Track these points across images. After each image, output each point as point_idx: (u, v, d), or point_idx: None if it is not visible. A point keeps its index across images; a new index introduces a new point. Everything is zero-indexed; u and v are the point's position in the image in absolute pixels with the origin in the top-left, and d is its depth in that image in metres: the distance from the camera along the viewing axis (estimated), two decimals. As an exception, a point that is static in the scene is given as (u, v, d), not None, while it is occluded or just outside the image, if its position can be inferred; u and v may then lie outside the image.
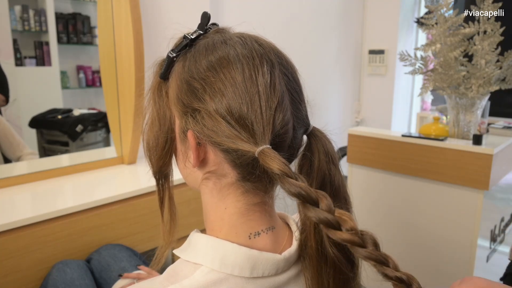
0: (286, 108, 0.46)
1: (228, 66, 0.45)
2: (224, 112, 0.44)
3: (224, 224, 0.49)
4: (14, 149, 1.45)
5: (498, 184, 1.57)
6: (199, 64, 0.47)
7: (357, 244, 0.35)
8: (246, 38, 0.48)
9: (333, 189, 0.50)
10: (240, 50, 0.46)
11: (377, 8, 2.81)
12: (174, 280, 0.46)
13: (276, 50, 0.50)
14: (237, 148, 0.43)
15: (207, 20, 0.51)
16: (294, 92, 0.49)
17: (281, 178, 0.39)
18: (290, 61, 0.51)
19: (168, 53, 0.50)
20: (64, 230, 1.09)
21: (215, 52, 0.47)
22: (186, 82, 0.47)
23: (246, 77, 0.45)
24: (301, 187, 0.37)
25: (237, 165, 0.45)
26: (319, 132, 0.52)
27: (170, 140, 0.51)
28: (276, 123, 0.45)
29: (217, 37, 0.49)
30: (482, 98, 1.59)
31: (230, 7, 1.89)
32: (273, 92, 0.45)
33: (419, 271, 1.66)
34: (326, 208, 0.36)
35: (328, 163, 0.50)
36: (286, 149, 0.47)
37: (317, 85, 2.57)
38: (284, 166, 0.40)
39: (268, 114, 0.44)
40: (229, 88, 0.44)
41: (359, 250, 0.35)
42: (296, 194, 0.38)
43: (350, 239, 0.34)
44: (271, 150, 0.42)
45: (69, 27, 1.63)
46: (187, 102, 0.47)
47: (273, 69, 0.46)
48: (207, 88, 0.45)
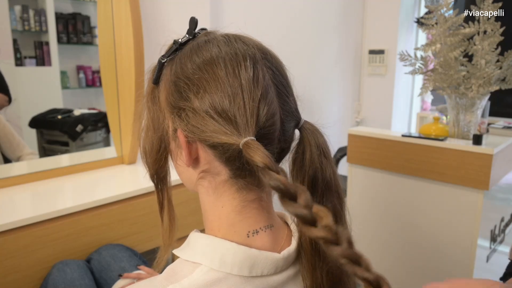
0: (271, 101, 0.47)
1: (211, 63, 0.46)
2: (207, 108, 0.44)
3: (222, 223, 0.49)
4: (14, 149, 1.46)
5: (498, 184, 1.57)
6: (184, 65, 0.48)
7: (331, 242, 0.34)
8: (230, 37, 0.49)
9: (324, 182, 0.51)
10: (223, 48, 0.47)
11: (377, 8, 2.81)
12: (173, 279, 0.46)
13: (261, 46, 0.50)
14: (222, 142, 0.44)
15: (195, 25, 0.52)
16: (280, 86, 0.49)
17: (262, 171, 0.39)
18: (276, 56, 0.51)
19: (159, 59, 0.51)
20: (64, 230, 1.09)
21: (199, 52, 0.48)
22: (173, 83, 0.48)
23: (228, 72, 0.45)
24: (280, 180, 0.37)
25: (226, 160, 0.46)
26: (310, 125, 0.52)
27: (165, 143, 0.52)
28: (260, 115, 0.45)
29: (202, 38, 0.50)
30: (482, 98, 1.59)
31: (230, 7, 1.89)
32: (256, 85, 0.45)
33: (419, 271, 1.66)
34: (304, 204, 0.35)
35: (320, 156, 0.50)
36: (275, 142, 0.47)
37: (317, 85, 2.57)
38: (266, 159, 0.39)
39: (251, 106, 0.44)
40: (211, 84, 0.45)
41: (332, 248, 0.34)
42: (275, 187, 0.37)
43: (324, 236, 0.34)
44: (255, 141, 0.42)
45: (69, 27, 1.63)
46: (174, 102, 0.48)
47: (256, 63, 0.47)
48: (191, 86, 0.46)
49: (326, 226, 0.34)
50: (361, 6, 2.85)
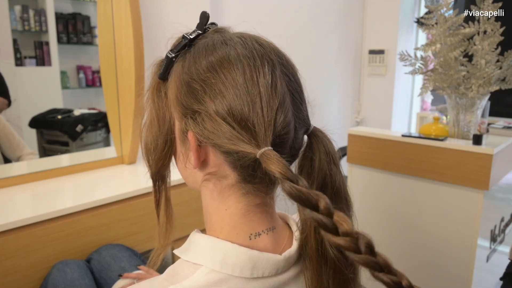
0: (288, 109, 0.46)
1: (228, 67, 0.45)
2: (225, 114, 0.43)
3: (224, 224, 0.49)
4: (14, 149, 1.45)
5: (498, 184, 1.57)
6: (198, 65, 0.46)
7: (352, 250, 0.35)
8: (246, 38, 0.48)
9: (334, 190, 0.50)
10: (240, 51, 0.46)
11: (377, 8, 2.81)
12: (174, 280, 0.45)
13: (277, 50, 0.49)
14: (238, 150, 0.43)
15: (206, 19, 0.51)
16: (295, 93, 0.48)
17: (282, 181, 0.39)
18: (290, 61, 0.50)
19: (167, 54, 0.49)
20: (64, 230, 1.09)
21: (215, 53, 0.46)
22: (186, 83, 0.46)
23: (247, 78, 0.44)
24: (301, 191, 0.37)
25: (238, 166, 0.45)
26: (320, 132, 0.51)
27: (170, 141, 0.51)
28: (277, 124, 0.44)
29: (216, 37, 0.48)
30: (482, 98, 1.59)
31: (230, 7, 1.89)
32: (275, 93, 0.45)
33: (419, 271, 1.66)
34: (325, 212, 0.36)
35: (329, 163, 0.50)
36: (287, 150, 0.47)
37: (317, 85, 2.57)
38: (285, 169, 0.39)
39: (269, 115, 0.44)
40: (230, 89, 0.44)
41: (354, 255, 0.35)
42: (296, 197, 0.37)
43: (345, 244, 0.35)
44: (272, 152, 0.41)
45: (69, 27, 1.63)
46: (187, 104, 0.46)
47: (274, 69, 0.46)
48: (207, 89, 0.44)
49: (346, 234, 0.35)
50: (361, 6, 2.85)
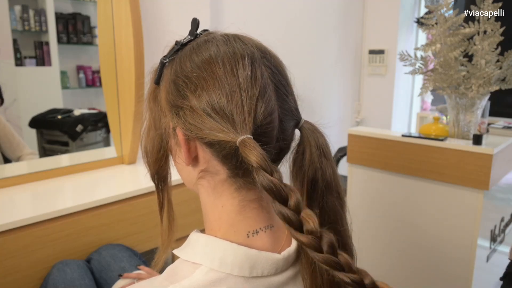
0: (269, 99, 0.46)
1: (209, 61, 0.46)
2: (205, 105, 0.45)
3: (222, 223, 0.49)
4: (14, 149, 1.46)
5: (498, 184, 1.57)
6: (183, 64, 0.48)
7: (313, 248, 0.35)
8: (229, 36, 0.50)
9: (324, 183, 0.50)
10: (222, 47, 0.47)
11: (377, 8, 2.81)
12: (173, 280, 0.46)
13: (260, 46, 0.50)
14: (219, 139, 0.44)
15: (197, 25, 0.52)
16: (279, 84, 0.49)
17: (257, 171, 0.39)
18: (275, 55, 0.52)
19: (161, 59, 0.51)
20: (64, 230, 1.09)
21: (198, 51, 0.48)
22: (173, 82, 0.48)
23: (226, 70, 0.45)
24: (272, 181, 0.37)
25: (223, 158, 0.46)
26: (310, 125, 0.52)
27: (165, 142, 0.52)
28: (258, 113, 0.45)
29: (202, 38, 0.50)
30: (482, 98, 1.59)
31: (230, 7, 1.89)
32: (254, 83, 0.46)
33: (419, 271, 1.66)
34: (294, 208, 0.36)
35: (320, 156, 0.50)
36: (273, 141, 0.47)
37: (317, 85, 2.57)
38: (261, 158, 0.40)
39: (248, 104, 0.44)
40: (209, 82, 0.45)
41: (315, 254, 0.35)
42: (267, 188, 0.38)
43: (307, 242, 0.35)
44: (251, 140, 0.42)
45: (69, 27, 1.63)
46: (173, 101, 0.48)
47: (254, 62, 0.47)
48: (189, 84, 0.46)
49: (310, 231, 0.34)
50: (361, 6, 2.85)
